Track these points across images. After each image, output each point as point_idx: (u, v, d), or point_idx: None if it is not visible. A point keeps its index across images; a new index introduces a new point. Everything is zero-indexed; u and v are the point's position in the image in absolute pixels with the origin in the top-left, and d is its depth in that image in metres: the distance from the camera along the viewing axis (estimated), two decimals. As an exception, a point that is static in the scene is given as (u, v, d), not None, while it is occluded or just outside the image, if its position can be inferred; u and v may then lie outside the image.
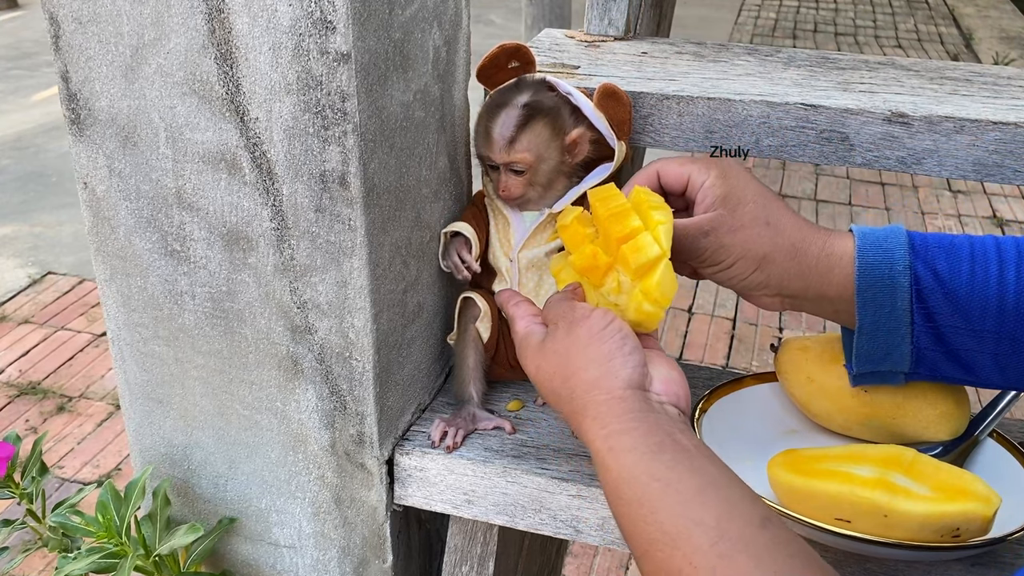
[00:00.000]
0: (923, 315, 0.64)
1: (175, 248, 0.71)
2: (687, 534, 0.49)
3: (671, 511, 0.50)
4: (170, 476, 0.81)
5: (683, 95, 0.80)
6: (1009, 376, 0.65)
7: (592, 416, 0.56)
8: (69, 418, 2.28)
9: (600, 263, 0.64)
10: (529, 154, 0.73)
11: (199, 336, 0.74)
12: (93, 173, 0.71)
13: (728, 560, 0.48)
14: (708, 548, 0.48)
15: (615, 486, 0.53)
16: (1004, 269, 0.63)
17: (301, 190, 0.65)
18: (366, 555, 0.79)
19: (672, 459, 0.52)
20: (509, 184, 0.74)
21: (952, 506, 0.61)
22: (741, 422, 0.76)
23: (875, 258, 0.64)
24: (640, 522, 0.51)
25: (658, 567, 0.50)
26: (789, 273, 0.66)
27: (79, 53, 0.67)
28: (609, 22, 1.02)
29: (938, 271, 0.64)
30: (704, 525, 0.49)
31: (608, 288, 0.64)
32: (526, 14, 4.46)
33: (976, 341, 0.64)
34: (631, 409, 0.55)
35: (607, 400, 0.56)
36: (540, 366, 0.61)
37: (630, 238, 0.62)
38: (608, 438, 0.54)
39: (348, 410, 0.73)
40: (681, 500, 0.50)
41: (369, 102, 0.63)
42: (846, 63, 0.92)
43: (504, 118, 0.73)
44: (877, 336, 0.65)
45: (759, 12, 6.58)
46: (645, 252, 0.61)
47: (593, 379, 0.57)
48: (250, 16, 0.61)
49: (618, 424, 0.55)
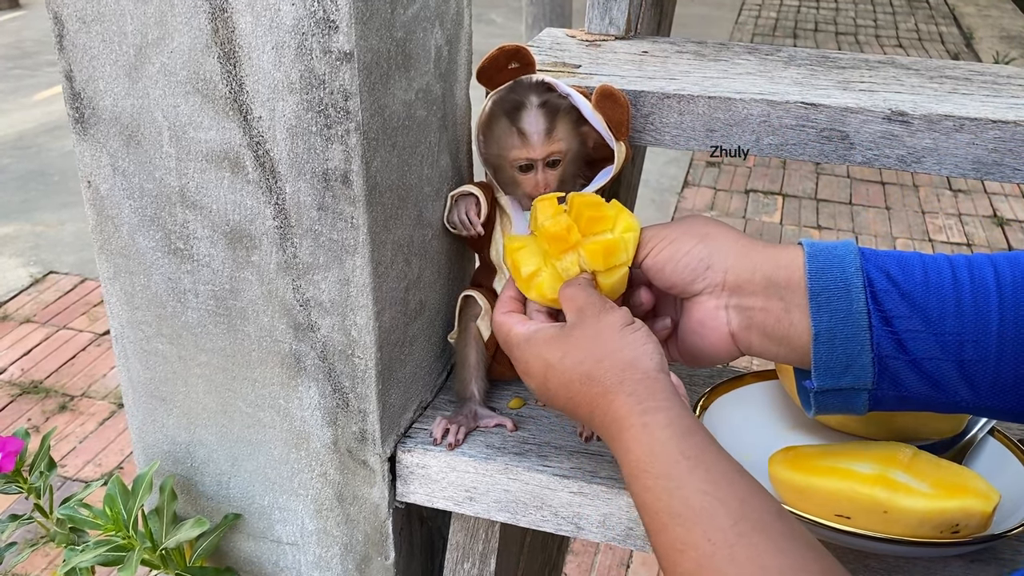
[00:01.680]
0: (881, 318, 0.60)
1: (178, 246, 0.71)
2: (711, 512, 0.50)
3: (698, 488, 0.52)
4: (173, 474, 0.82)
5: (684, 94, 0.81)
6: (981, 392, 0.60)
7: (628, 392, 0.57)
8: (71, 417, 2.28)
9: (571, 238, 0.67)
10: (564, 143, 0.74)
11: (202, 334, 0.74)
12: (97, 172, 0.71)
13: (747, 539, 0.49)
14: (729, 527, 0.49)
15: (645, 460, 0.55)
16: (956, 270, 0.61)
17: (304, 188, 0.66)
18: (368, 552, 0.79)
19: (700, 442, 0.54)
20: (549, 179, 0.74)
21: (952, 502, 0.62)
22: (741, 420, 0.76)
23: (826, 261, 0.62)
24: (665, 495, 0.52)
25: (674, 540, 0.51)
26: (733, 251, 0.64)
27: (83, 52, 0.67)
28: (610, 21, 1.02)
29: (891, 273, 0.61)
30: (728, 506, 0.50)
31: (565, 265, 0.67)
32: (527, 13, 4.47)
33: (939, 347, 0.60)
34: (665, 389, 0.58)
35: (643, 379, 0.58)
36: (567, 353, 0.61)
37: (602, 225, 0.67)
38: (644, 413, 0.56)
39: (350, 407, 0.73)
40: (708, 479, 0.52)
41: (371, 101, 0.64)
42: (846, 62, 0.92)
43: (533, 115, 0.73)
44: (835, 344, 0.61)
45: (760, 11, 6.58)
46: (616, 256, 0.66)
47: (630, 359, 0.59)
48: (253, 15, 0.61)
49: (653, 402, 0.56)
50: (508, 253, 0.70)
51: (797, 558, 0.48)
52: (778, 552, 0.48)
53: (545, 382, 0.63)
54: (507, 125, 0.73)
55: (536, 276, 0.67)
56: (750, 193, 3.52)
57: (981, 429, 0.74)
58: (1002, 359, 0.59)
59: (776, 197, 3.49)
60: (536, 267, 0.68)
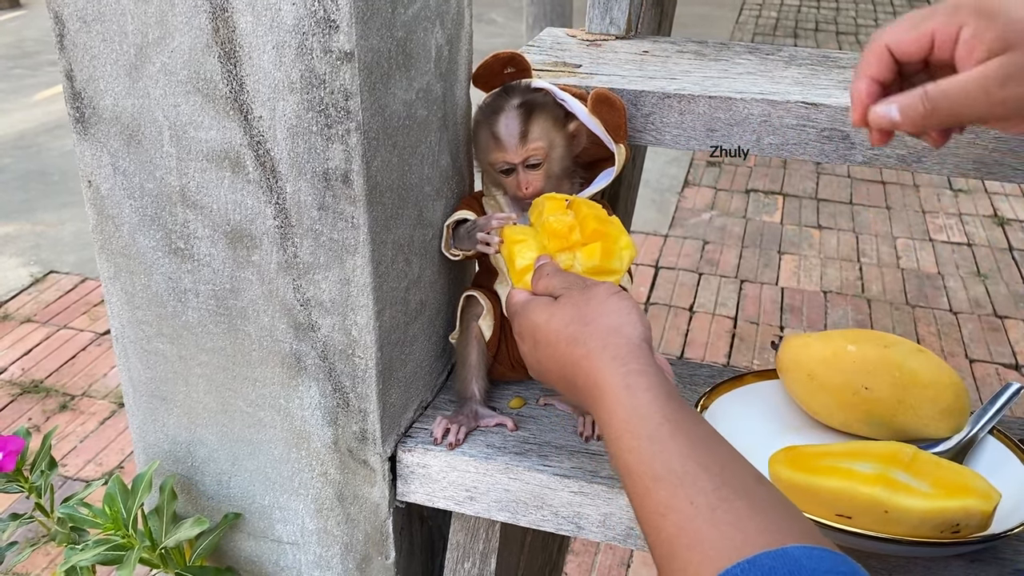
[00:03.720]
0: None
1: (179, 246, 0.71)
2: (693, 475, 0.51)
3: (680, 452, 0.52)
4: (174, 473, 0.82)
5: (684, 93, 0.81)
6: None
7: (612, 355, 0.58)
8: (71, 416, 2.28)
9: (572, 237, 0.69)
10: (542, 143, 0.74)
11: (202, 333, 0.74)
12: (97, 171, 0.71)
13: (728, 504, 0.49)
14: (711, 491, 0.50)
15: (628, 421, 0.55)
16: None
17: (304, 188, 0.66)
18: (369, 551, 0.79)
19: (682, 407, 0.55)
20: (530, 180, 0.74)
21: (952, 502, 0.62)
22: (742, 419, 0.76)
23: None
24: (648, 457, 0.53)
25: (656, 504, 0.52)
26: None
27: (84, 52, 0.67)
28: (611, 21, 1.02)
29: None
30: (710, 470, 0.51)
31: (560, 260, 0.69)
32: (527, 13, 4.46)
33: None
34: (647, 356, 0.59)
35: (626, 344, 0.59)
36: (554, 314, 0.63)
37: (605, 240, 0.69)
38: (628, 375, 0.57)
39: (351, 407, 0.73)
40: (690, 444, 0.53)
41: (372, 100, 0.64)
42: (847, 61, 0.92)
43: (506, 119, 0.73)
44: None
45: (760, 11, 6.57)
46: (610, 261, 0.69)
47: (615, 325, 0.60)
48: (254, 15, 0.61)
49: (637, 365, 0.57)
50: (507, 244, 0.71)
51: (777, 522, 0.49)
52: (758, 516, 0.49)
53: (535, 345, 0.64)
54: (486, 130, 0.74)
55: (529, 272, 0.68)
56: (751, 193, 3.52)
57: (982, 429, 0.74)
58: None
59: (777, 197, 3.49)
60: (530, 261, 0.69)
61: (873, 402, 0.73)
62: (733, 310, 2.71)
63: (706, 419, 0.74)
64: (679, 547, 0.49)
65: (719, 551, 0.47)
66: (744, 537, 0.48)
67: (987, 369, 2.45)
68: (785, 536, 0.48)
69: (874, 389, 0.73)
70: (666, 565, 0.50)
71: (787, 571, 0.45)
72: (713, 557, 0.47)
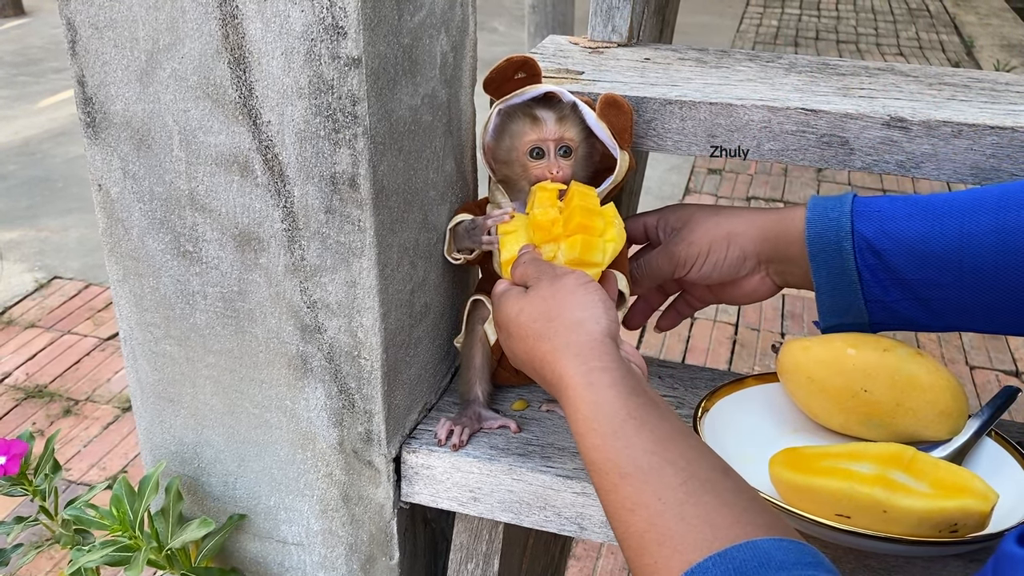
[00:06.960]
0: (867, 270, 0.72)
1: (187, 249, 0.72)
2: (659, 471, 0.51)
3: (645, 448, 0.53)
4: (180, 474, 0.83)
5: (685, 100, 0.82)
6: (973, 311, 0.71)
7: (575, 352, 0.59)
8: (75, 421, 2.29)
9: (554, 232, 0.71)
10: (577, 132, 0.76)
11: (210, 335, 0.75)
12: (108, 175, 0.72)
13: (696, 498, 0.50)
14: (678, 486, 0.51)
15: (591, 419, 0.56)
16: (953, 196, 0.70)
17: (312, 192, 0.67)
18: (373, 552, 0.80)
19: (646, 403, 0.56)
20: (561, 164, 0.75)
21: (950, 502, 0.62)
22: (743, 421, 0.77)
23: (822, 227, 0.73)
24: (613, 454, 0.54)
25: (624, 500, 0.52)
26: (757, 239, 0.77)
27: (95, 58, 0.68)
28: (613, 29, 1.03)
29: (882, 233, 0.71)
30: (676, 465, 0.51)
31: (544, 251, 0.72)
32: (529, 21, 4.48)
33: (904, 291, 0.71)
34: (610, 352, 0.59)
35: (589, 341, 0.60)
36: (523, 308, 0.65)
37: (589, 234, 0.71)
38: (589, 373, 0.57)
39: (356, 408, 0.74)
40: (655, 439, 0.53)
41: (379, 106, 0.65)
42: (846, 69, 0.93)
43: (547, 103, 0.76)
44: (835, 294, 0.74)
45: (761, 20, 6.60)
46: (592, 254, 0.71)
47: (578, 320, 0.61)
48: (263, 22, 0.62)
49: (599, 362, 0.58)
50: (499, 236, 0.74)
51: (745, 514, 0.49)
52: (726, 509, 0.49)
53: (508, 337, 0.66)
54: (521, 115, 0.75)
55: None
56: (751, 200, 3.53)
57: (980, 431, 0.75)
58: (963, 289, 0.70)
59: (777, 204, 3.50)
60: (515, 253, 0.72)
61: (872, 404, 0.74)
62: (734, 316, 2.72)
63: (706, 420, 0.75)
64: (649, 543, 0.50)
65: (689, 546, 0.48)
66: (713, 531, 0.48)
67: (987, 376, 2.45)
68: (754, 528, 0.48)
69: (873, 392, 0.73)
70: (637, 560, 0.51)
71: (757, 564, 0.46)
72: (683, 552, 0.48)
